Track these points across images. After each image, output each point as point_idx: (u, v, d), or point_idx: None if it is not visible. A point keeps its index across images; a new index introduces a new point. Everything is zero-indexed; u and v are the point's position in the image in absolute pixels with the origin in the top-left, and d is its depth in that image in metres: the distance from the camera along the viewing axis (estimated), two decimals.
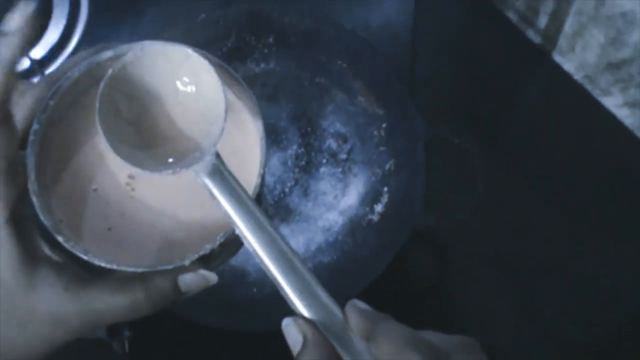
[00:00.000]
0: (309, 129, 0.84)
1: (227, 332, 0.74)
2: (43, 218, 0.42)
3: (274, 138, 0.84)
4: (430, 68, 0.92)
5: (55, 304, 0.42)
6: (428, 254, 0.86)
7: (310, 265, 0.80)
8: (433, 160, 0.78)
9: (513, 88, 0.91)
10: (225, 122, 0.43)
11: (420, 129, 0.78)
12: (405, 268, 0.83)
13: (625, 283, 0.81)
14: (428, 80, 0.91)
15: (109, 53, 0.47)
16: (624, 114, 0.86)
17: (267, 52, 0.85)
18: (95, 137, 0.47)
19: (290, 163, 0.83)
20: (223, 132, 0.43)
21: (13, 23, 0.42)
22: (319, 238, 0.81)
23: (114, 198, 0.47)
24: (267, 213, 0.43)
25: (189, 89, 0.46)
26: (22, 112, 0.44)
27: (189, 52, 0.45)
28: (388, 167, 0.82)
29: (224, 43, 0.84)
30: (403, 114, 0.80)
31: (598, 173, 0.87)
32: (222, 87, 0.43)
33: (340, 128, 0.84)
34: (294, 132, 0.84)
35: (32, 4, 0.42)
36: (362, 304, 0.42)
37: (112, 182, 0.47)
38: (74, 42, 0.91)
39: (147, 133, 0.45)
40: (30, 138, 0.43)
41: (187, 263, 0.43)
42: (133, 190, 0.48)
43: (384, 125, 0.83)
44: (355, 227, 0.81)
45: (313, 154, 0.84)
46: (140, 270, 0.42)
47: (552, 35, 0.88)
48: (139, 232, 0.47)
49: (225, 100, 0.43)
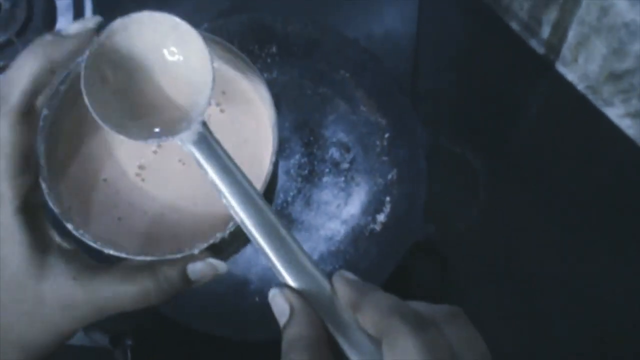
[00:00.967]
0: (312, 139, 0.84)
1: (229, 340, 0.74)
2: (52, 204, 0.43)
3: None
4: (433, 78, 0.92)
5: (64, 292, 0.42)
6: (429, 264, 0.85)
7: None
8: (435, 170, 0.78)
9: (516, 98, 0.91)
10: (213, 91, 0.43)
11: (423, 139, 0.78)
12: (407, 277, 0.82)
13: (626, 291, 0.81)
14: (431, 90, 0.91)
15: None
16: (626, 125, 0.86)
17: (270, 61, 0.85)
18: None
19: (293, 172, 0.83)
20: (210, 100, 0.43)
21: (73, 29, 0.42)
22: (321, 247, 0.81)
23: (124, 188, 0.48)
24: (271, 199, 0.43)
25: (177, 59, 0.45)
26: (31, 73, 0.43)
27: (177, 21, 0.44)
28: (390, 176, 0.82)
29: None
30: (405, 124, 0.80)
31: (600, 183, 0.86)
32: (209, 56, 0.43)
33: (343, 137, 0.84)
34: (297, 141, 0.84)
35: (97, 19, 0.43)
36: (349, 274, 0.42)
37: (121, 172, 0.48)
38: None
39: (134, 103, 0.45)
40: (40, 124, 0.44)
41: (196, 252, 0.43)
42: (143, 181, 0.48)
43: (387, 135, 0.83)
44: (358, 236, 0.81)
45: (316, 163, 0.84)
46: (149, 259, 0.43)
47: (555, 46, 0.88)
48: (149, 221, 0.47)
49: (213, 70, 0.43)
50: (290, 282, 0.41)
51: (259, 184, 0.45)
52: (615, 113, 0.86)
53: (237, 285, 0.79)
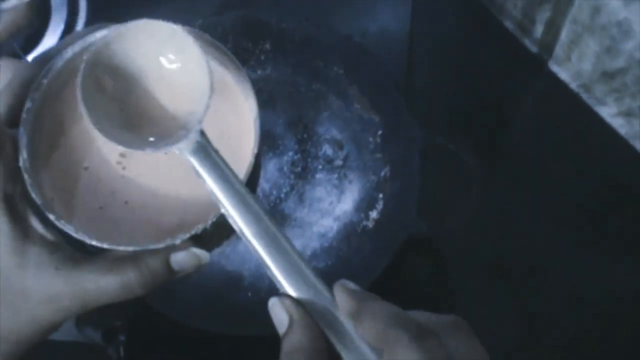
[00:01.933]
0: (305, 135, 0.85)
1: (222, 336, 0.74)
2: (34, 195, 0.42)
3: (270, 144, 0.84)
4: (427, 75, 0.92)
5: (47, 283, 0.41)
6: (423, 261, 0.86)
7: None
8: (428, 168, 0.78)
9: (509, 96, 0.92)
10: (211, 99, 0.42)
11: (416, 136, 0.78)
12: (400, 275, 0.83)
13: (620, 287, 0.82)
14: (424, 87, 0.91)
15: (104, 32, 0.47)
16: (619, 124, 0.86)
17: (263, 58, 0.85)
18: None
19: (286, 169, 0.84)
20: (208, 109, 0.42)
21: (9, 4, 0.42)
22: (314, 244, 0.82)
23: (105, 176, 0.47)
24: (253, 192, 0.42)
25: (174, 66, 0.45)
26: (11, 90, 0.44)
27: (174, 28, 0.44)
28: (383, 173, 0.82)
29: None
30: (399, 121, 0.80)
31: (593, 181, 0.87)
32: (207, 64, 0.43)
33: (336, 134, 0.85)
34: (290, 138, 0.85)
35: None
36: (350, 284, 0.41)
37: (102, 160, 0.47)
38: None
39: (131, 110, 0.44)
40: (23, 116, 0.43)
41: (178, 242, 0.42)
42: (124, 169, 0.48)
43: (380, 132, 0.83)
44: (350, 233, 0.82)
45: (309, 160, 0.84)
46: (131, 249, 0.42)
47: (548, 44, 0.88)
48: (130, 211, 0.47)
49: (211, 78, 0.42)
50: (290, 291, 0.41)
51: (240, 176, 0.44)
52: (608, 112, 0.86)
53: (230, 281, 0.79)
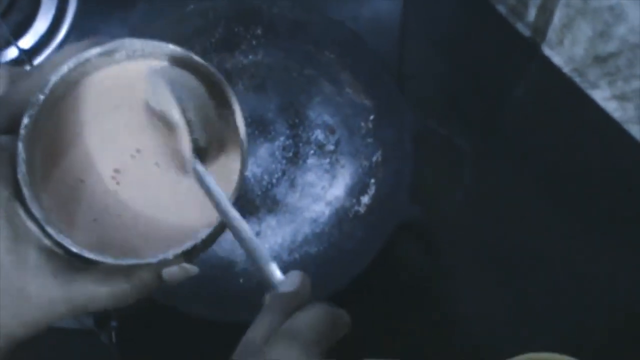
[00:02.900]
0: (297, 120, 0.84)
1: (213, 322, 0.74)
2: (33, 209, 0.43)
3: (262, 129, 0.84)
4: (419, 60, 0.92)
5: (45, 289, 0.43)
6: (415, 246, 0.86)
7: (297, 256, 0.81)
8: (421, 153, 0.78)
9: (502, 80, 0.91)
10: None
11: (408, 121, 0.78)
12: (393, 260, 0.83)
13: (616, 274, 0.82)
14: (417, 72, 0.91)
15: (97, 50, 0.47)
16: (612, 107, 0.86)
17: (255, 43, 0.85)
18: (84, 129, 0.47)
19: (278, 154, 0.84)
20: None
21: None
22: (306, 229, 0.82)
23: (99, 190, 0.48)
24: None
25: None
26: (15, 98, 0.45)
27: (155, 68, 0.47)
28: (375, 158, 0.82)
29: (213, 34, 0.84)
30: (391, 106, 0.80)
31: (587, 165, 0.87)
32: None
33: (328, 119, 0.84)
34: (282, 123, 0.84)
35: None
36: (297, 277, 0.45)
37: (97, 174, 0.48)
38: (63, 32, 0.91)
39: None
40: (21, 132, 0.44)
41: (171, 257, 0.44)
42: (118, 184, 0.48)
43: (372, 117, 0.83)
44: (342, 218, 0.82)
45: (301, 145, 0.84)
46: (125, 263, 0.44)
47: (541, 28, 0.88)
48: (123, 224, 0.47)
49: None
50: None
51: (230, 190, 0.47)
52: (601, 96, 0.86)
53: (222, 267, 0.80)
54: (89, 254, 0.43)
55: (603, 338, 0.80)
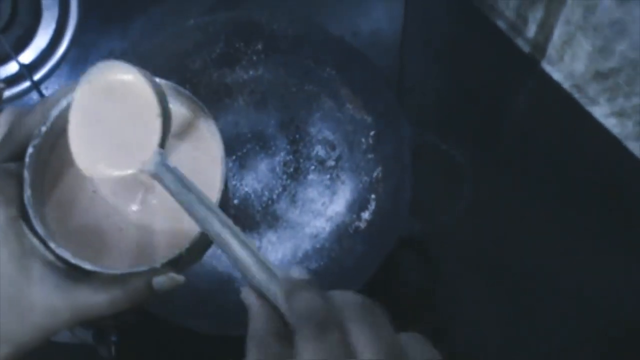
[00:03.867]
0: (297, 136, 0.84)
1: (214, 336, 0.74)
2: (37, 226, 0.47)
3: (262, 145, 0.84)
4: (419, 75, 0.92)
5: (49, 298, 0.47)
6: (415, 261, 0.86)
7: None
8: (421, 167, 0.78)
9: (502, 96, 0.92)
10: (167, 125, 0.49)
11: (408, 137, 0.78)
12: (393, 275, 0.83)
13: (613, 287, 0.82)
14: (416, 87, 0.91)
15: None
16: (612, 124, 0.86)
17: (255, 58, 0.85)
18: None
19: (279, 170, 0.84)
20: (165, 130, 0.48)
21: None
22: (306, 245, 0.81)
23: (95, 209, 0.52)
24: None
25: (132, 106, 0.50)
26: (22, 130, 0.50)
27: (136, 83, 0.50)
28: (376, 174, 0.82)
29: (213, 49, 0.84)
30: (391, 122, 0.80)
31: (586, 181, 0.87)
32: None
33: (329, 135, 0.84)
34: (282, 139, 0.84)
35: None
36: (298, 271, 0.45)
37: (92, 194, 0.53)
38: (64, 46, 0.91)
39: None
40: (26, 160, 0.49)
41: (158, 266, 0.48)
42: (111, 202, 0.53)
43: (372, 133, 0.83)
44: (342, 234, 0.82)
45: (301, 161, 0.84)
46: (119, 273, 0.48)
47: (541, 44, 0.88)
48: (113, 238, 0.52)
49: (160, 101, 0.49)
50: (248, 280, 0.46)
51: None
52: (601, 112, 0.86)
53: (221, 282, 0.79)
54: (86, 265, 0.47)
55: (603, 350, 0.80)
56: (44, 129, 0.50)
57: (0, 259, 0.46)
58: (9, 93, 0.89)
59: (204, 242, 0.50)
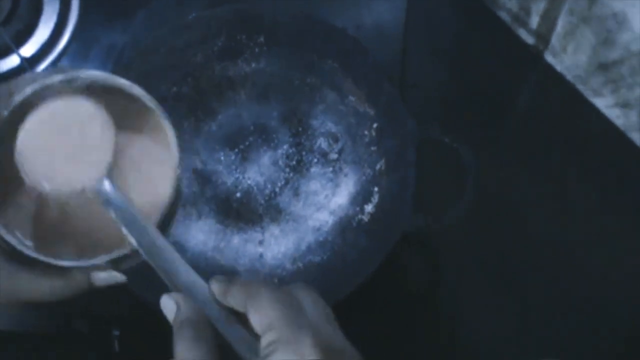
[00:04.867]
0: (300, 129, 0.84)
1: None
2: None
3: (265, 138, 0.84)
4: (422, 68, 0.92)
5: None
6: (419, 255, 0.86)
7: (300, 265, 0.81)
8: (424, 161, 0.77)
9: (505, 88, 0.91)
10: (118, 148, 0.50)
11: (411, 129, 0.77)
12: (396, 269, 0.82)
13: (620, 282, 0.82)
14: (419, 80, 0.91)
15: (59, 77, 0.50)
16: (615, 115, 0.86)
17: (258, 51, 0.85)
18: None
19: (281, 163, 0.83)
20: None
21: None
22: (309, 238, 0.81)
23: (46, 202, 0.53)
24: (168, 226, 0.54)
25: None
26: None
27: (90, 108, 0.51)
28: (379, 167, 0.82)
29: (215, 42, 0.83)
30: (394, 114, 0.80)
31: (590, 173, 0.87)
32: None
33: (331, 128, 0.84)
34: (285, 131, 0.84)
35: None
36: (220, 277, 0.50)
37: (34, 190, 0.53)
38: (65, 39, 0.91)
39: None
40: None
41: (98, 263, 0.49)
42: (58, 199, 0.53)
43: (375, 125, 0.83)
44: (346, 227, 0.81)
45: (304, 154, 0.84)
46: (61, 264, 0.49)
47: (544, 36, 0.88)
48: (60, 225, 0.53)
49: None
50: (176, 289, 0.49)
51: (157, 215, 0.51)
52: (604, 103, 0.86)
53: (224, 274, 0.79)
54: (29, 252, 0.48)
55: (606, 348, 0.80)
56: (6, 113, 0.49)
57: None
58: None
59: None
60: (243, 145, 0.84)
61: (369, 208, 0.81)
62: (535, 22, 0.88)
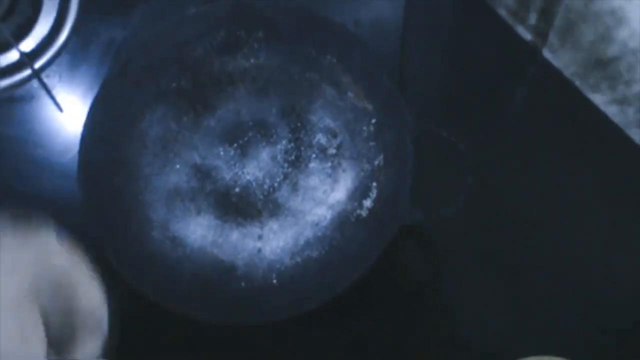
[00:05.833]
0: (299, 124, 0.84)
1: (216, 326, 0.74)
2: None
3: (264, 133, 0.84)
4: (420, 63, 0.92)
5: None
6: (417, 250, 0.86)
7: (299, 260, 0.81)
8: (422, 156, 0.78)
9: (503, 83, 0.92)
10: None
11: (410, 125, 0.78)
12: (395, 263, 0.83)
13: (620, 279, 0.82)
14: (418, 75, 0.91)
15: None
16: (613, 111, 0.86)
17: (257, 46, 0.85)
18: None
19: (280, 158, 0.84)
20: None
21: None
22: (308, 232, 0.82)
23: None
24: None
25: None
26: None
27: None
28: (377, 162, 0.82)
29: (214, 37, 0.84)
30: (392, 110, 0.80)
31: (588, 170, 0.87)
32: None
33: (330, 123, 0.84)
34: (284, 126, 0.84)
35: None
36: None
37: None
38: (64, 34, 0.91)
39: None
40: None
41: None
42: None
43: (373, 121, 0.83)
44: (344, 222, 0.82)
45: (302, 149, 0.84)
46: None
47: (542, 32, 0.88)
48: None
49: None
50: None
51: None
52: (602, 99, 0.86)
53: (223, 271, 0.80)
54: None
55: (605, 342, 0.80)
56: None
57: None
58: (10, 81, 0.89)
59: None
60: (242, 141, 0.84)
61: (368, 203, 0.82)
62: (533, 18, 0.88)
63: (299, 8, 0.83)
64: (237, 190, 0.83)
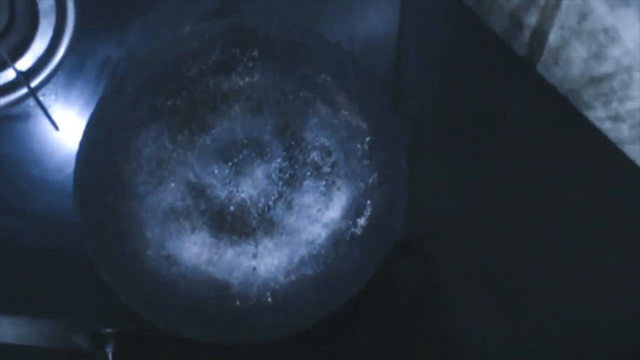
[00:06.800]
0: (293, 142, 0.85)
1: (210, 344, 0.74)
2: None
3: (258, 151, 0.84)
4: (416, 80, 0.92)
5: None
6: (413, 266, 0.86)
7: (294, 278, 0.81)
8: (417, 171, 0.78)
9: (498, 100, 0.92)
10: None
11: (404, 143, 0.78)
12: (390, 280, 0.83)
13: (613, 292, 0.82)
14: (413, 92, 0.91)
15: None
16: (607, 128, 0.86)
17: (251, 65, 0.85)
18: None
19: (274, 176, 0.84)
20: None
21: None
22: (302, 251, 0.82)
23: None
24: None
25: None
26: None
27: None
28: (371, 180, 0.82)
29: (209, 56, 0.84)
30: (387, 128, 0.80)
31: (582, 186, 0.87)
32: None
33: (324, 141, 0.85)
34: (278, 145, 0.85)
35: None
36: None
37: None
38: (61, 53, 0.91)
39: None
40: None
41: None
42: None
43: (368, 139, 0.83)
44: (339, 240, 0.82)
45: (297, 167, 0.84)
46: None
47: (536, 49, 0.88)
48: None
49: None
50: None
51: None
52: (596, 116, 0.87)
53: (218, 290, 0.80)
54: None
55: (600, 354, 0.80)
56: None
57: None
58: (6, 100, 0.89)
59: None
60: (237, 159, 0.84)
61: (362, 221, 0.82)
62: (527, 35, 0.88)
63: (294, 27, 0.83)
64: (231, 209, 0.83)
